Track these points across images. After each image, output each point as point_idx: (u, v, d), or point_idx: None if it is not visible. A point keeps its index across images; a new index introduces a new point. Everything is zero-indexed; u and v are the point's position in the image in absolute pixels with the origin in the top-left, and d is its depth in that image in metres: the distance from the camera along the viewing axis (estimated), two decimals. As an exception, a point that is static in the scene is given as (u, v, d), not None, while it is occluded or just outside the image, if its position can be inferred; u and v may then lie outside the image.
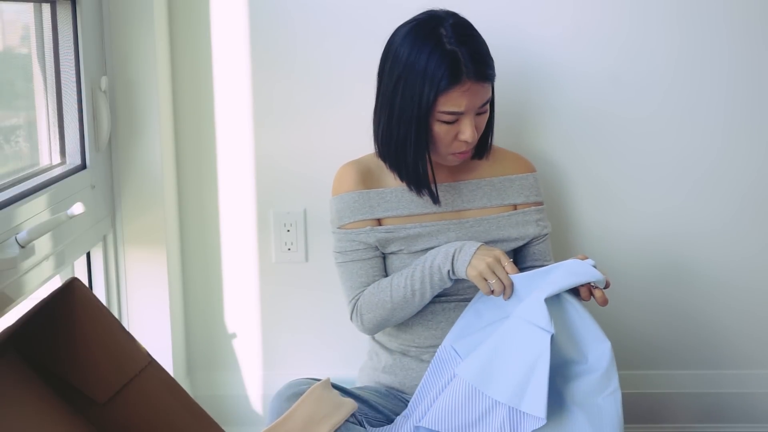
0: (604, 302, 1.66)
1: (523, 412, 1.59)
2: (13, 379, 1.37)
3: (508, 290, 1.71)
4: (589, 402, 1.62)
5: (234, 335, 2.22)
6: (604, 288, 1.67)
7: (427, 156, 1.79)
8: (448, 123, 1.76)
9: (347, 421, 1.65)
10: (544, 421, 1.57)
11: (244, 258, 2.19)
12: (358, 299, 1.85)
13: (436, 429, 1.65)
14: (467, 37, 1.76)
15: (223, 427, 1.62)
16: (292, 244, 2.18)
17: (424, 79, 1.73)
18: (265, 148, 2.14)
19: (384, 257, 1.88)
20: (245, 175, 2.16)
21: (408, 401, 1.86)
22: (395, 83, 1.78)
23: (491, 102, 1.83)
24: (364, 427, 1.70)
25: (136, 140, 2.00)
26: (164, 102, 2.05)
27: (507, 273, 1.71)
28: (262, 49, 2.10)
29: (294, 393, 1.68)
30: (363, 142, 2.07)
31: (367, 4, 2.07)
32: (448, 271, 1.76)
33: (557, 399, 1.63)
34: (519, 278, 1.71)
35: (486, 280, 1.71)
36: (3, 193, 1.57)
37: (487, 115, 1.82)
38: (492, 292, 1.71)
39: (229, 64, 2.11)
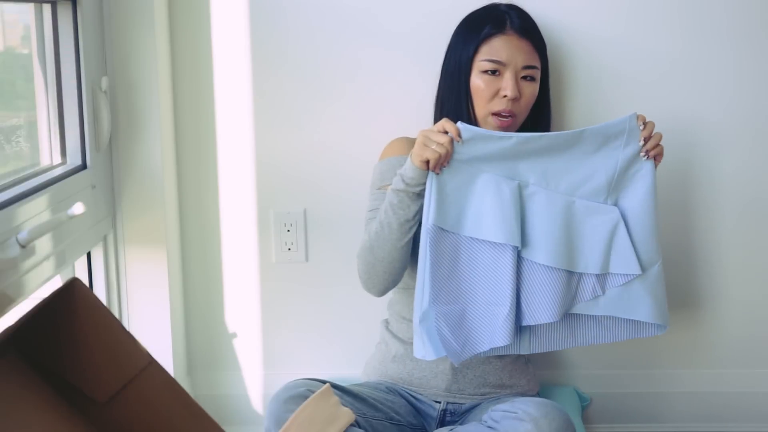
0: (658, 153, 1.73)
1: (610, 272, 1.71)
2: (14, 379, 1.37)
3: (448, 146, 1.64)
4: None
5: (234, 335, 2.22)
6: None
7: (467, 107, 1.82)
8: (489, 74, 1.79)
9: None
10: (640, 272, 1.71)
11: (244, 258, 2.19)
12: None
13: (548, 321, 1.70)
14: (520, 10, 1.85)
15: (223, 427, 1.62)
16: (292, 244, 2.18)
17: (470, 32, 1.82)
18: (266, 148, 2.14)
19: None
20: (245, 175, 2.15)
21: (413, 395, 1.88)
22: (450, 50, 1.87)
23: (543, 86, 1.86)
24: (363, 428, 1.70)
25: (136, 140, 2.00)
26: (164, 102, 2.05)
27: (445, 131, 1.64)
28: (263, 49, 2.10)
29: (291, 396, 1.67)
30: (364, 143, 2.07)
31: (367, 6, 2.07)
32: (400, 177, 1.71)
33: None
34: (470, 128, 1.66)
35: (426, 146, 1.64)
36: (4, 193, 1.57)
37: (534, 87, 1.83)
38: (439, 157, 1.64)
39: (230, 64, 2.11)
